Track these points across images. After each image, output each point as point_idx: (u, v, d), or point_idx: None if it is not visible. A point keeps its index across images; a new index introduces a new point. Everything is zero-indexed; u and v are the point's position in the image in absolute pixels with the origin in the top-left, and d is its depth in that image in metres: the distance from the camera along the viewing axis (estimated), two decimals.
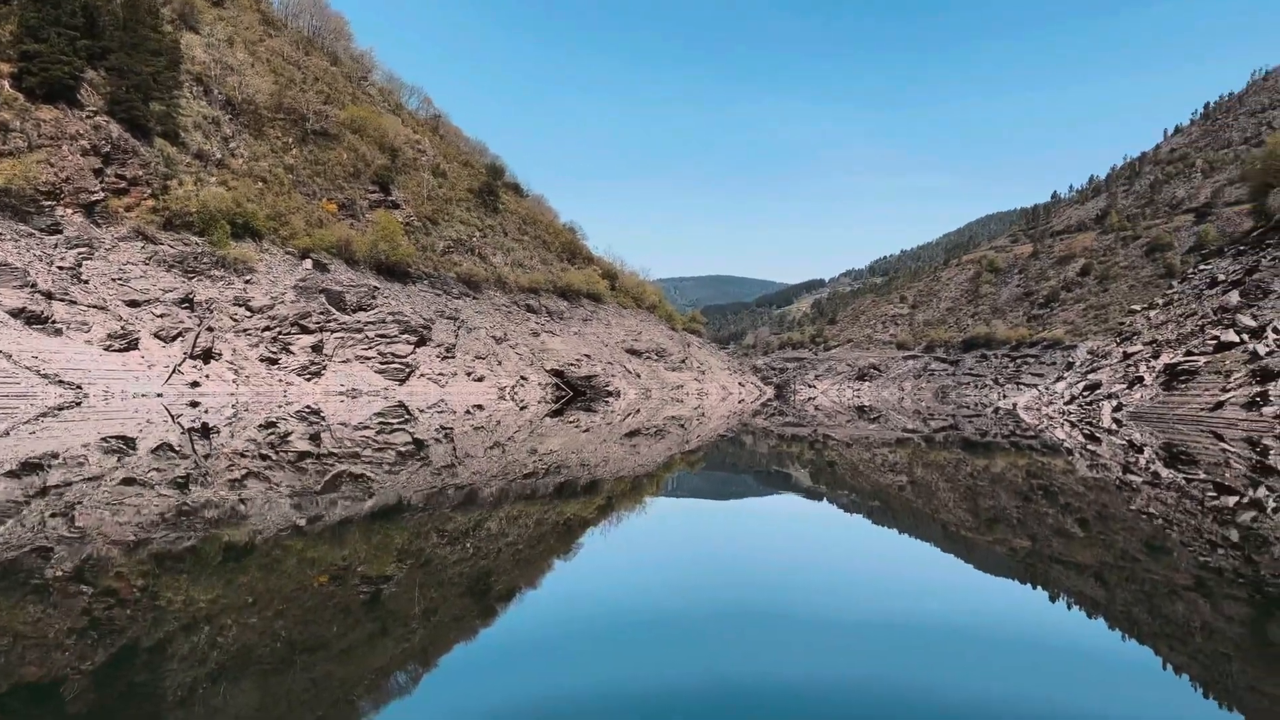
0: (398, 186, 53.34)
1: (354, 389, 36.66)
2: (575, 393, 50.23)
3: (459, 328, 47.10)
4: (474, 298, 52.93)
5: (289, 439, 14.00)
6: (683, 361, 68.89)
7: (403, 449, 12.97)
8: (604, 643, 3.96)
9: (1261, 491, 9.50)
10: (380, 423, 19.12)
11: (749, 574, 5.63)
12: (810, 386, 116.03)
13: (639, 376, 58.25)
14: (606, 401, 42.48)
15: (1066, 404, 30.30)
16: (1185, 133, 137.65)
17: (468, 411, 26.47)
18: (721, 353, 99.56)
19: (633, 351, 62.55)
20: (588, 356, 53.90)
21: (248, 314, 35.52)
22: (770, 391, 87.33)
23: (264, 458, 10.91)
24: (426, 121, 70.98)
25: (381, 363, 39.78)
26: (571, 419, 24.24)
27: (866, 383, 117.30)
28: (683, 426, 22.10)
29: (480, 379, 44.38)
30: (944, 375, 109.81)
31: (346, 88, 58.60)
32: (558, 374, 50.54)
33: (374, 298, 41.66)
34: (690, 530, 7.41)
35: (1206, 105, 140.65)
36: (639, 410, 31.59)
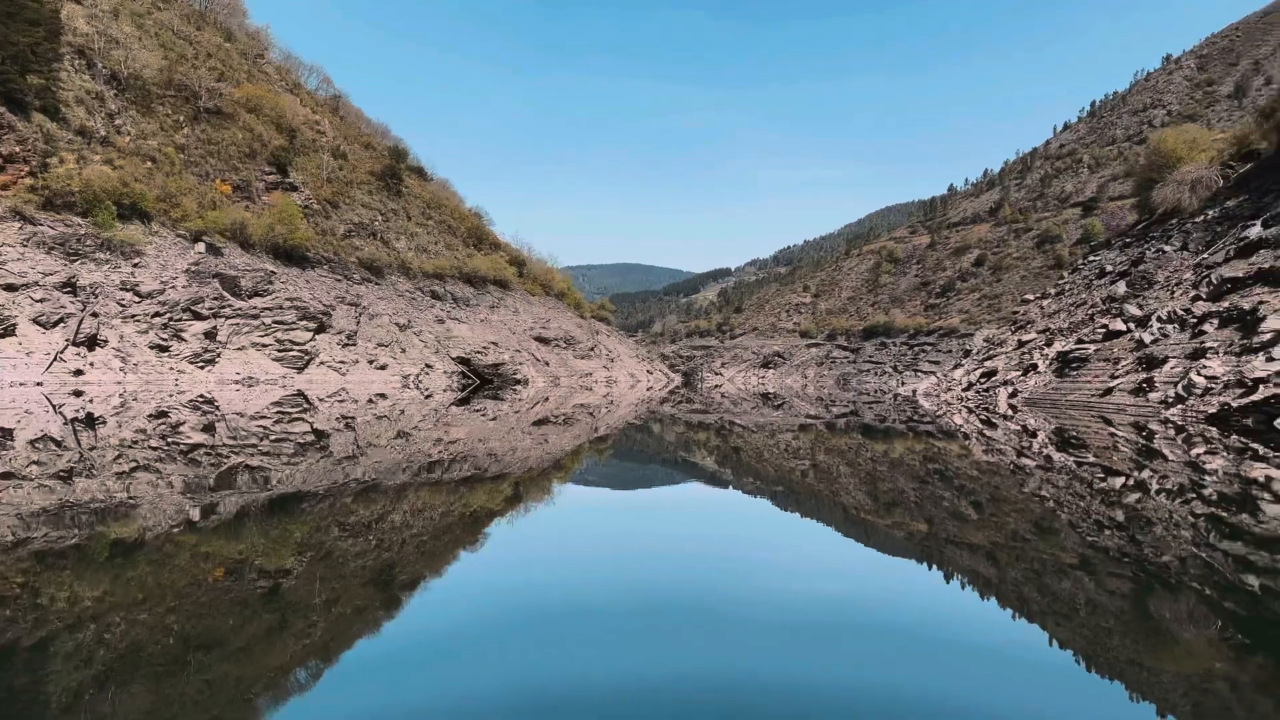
0: (296, 168, 51.78)
1: (250, 377, 35.52)
2: (482, 381, 49.72)
3: (361, 314, 46.06)
4: (376, 283, 51.83)
5: (181, 429, 13.46)
6: (591, 349, 68.78)
7: (302, 439, 12.62)
8: (514, 636, 3.93)
9: (1146, 474, 9.97)
10: (278, 412, 18.56)
11: (658, 562, 5.65)
12: (717, 374, 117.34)
13: (547, 364, 57.98)
14: (514, 390, 42.12)
15: (965, 390, 31.33)
16: (1074, 129, 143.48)
17: (370, 400, 25.91)
18: (630, 340, 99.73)
19: (541, 339, 62.17)
20: (495, 344, 53.38)
21: (136, 299, 34.02)
22: (678, 379, 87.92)
23: (154, 449, 10.48)
24: (326, 102, 69.02)
25: (279, 350, 38.62)
26: (478, 407, 23.97)
27: (771, 370, 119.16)
28: (592, 414, 22.05)
29: (383, 367, 43.52)
30: (845, 363, 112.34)
31: (241, 65, 56.54)
32: (464, 362, 49.92)
33: (271, 283, 40.39)
34: (599, 519, 7.40)
35: (1093, 104, 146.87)
36: (547, 398, 31.43)
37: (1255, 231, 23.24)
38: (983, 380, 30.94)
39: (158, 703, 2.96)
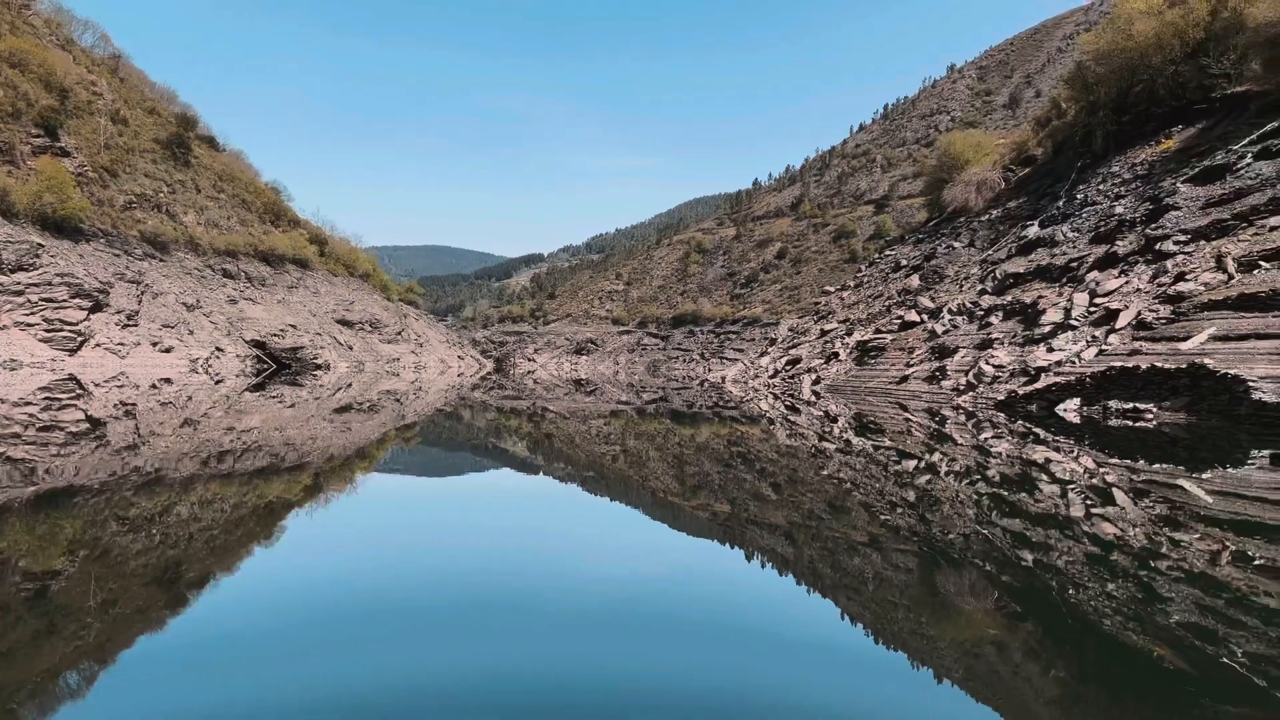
0: (68, 132, 47.30)
1: (13, 360, 32.30)
2: (279, 366, 47.39)
3: (143, 293, 42.80)
4: (161, 260, 48.26)
5: None
6: (399, 334, 66.91)
7: (75, 428, 11.60)
8: (313, 634, 3.76)
9: (937, 456, 10.68)
10: (47, 398, 16.99)
11: (468, 553, 5.56)
12: (530, 360, 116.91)
13: (351, 349, 55.94)
14: (315, 375, 40.31)
15: (771, 378, 32.56)
16: (868, 130, 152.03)
17: (154, 386, 24.14)
18: (440, 325, 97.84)
19: (344, 322, 59.89)
20: (294, 327, 50.97)
21: None
22: (490, 365, 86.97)
23: None
24: (104, 61, 63.25)
25: (48, 330, 35.33)
26: (275, 394, 22.81)
27: (584, 357, 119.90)
28: (399, 401, 21.49)
29: (168, 350, 40.65)
30: (656, 350, 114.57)
31: (3, 15, 51.10)
32: (259, 345, 47.38)
33: (38, 256, 36.84)
34: (406, 509, 7.21)
35: (886, 106, 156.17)
36: (351, 384, 30.30)
37: (1033, 231, 25.44)
38: (788, 367, 32.27)
39: None
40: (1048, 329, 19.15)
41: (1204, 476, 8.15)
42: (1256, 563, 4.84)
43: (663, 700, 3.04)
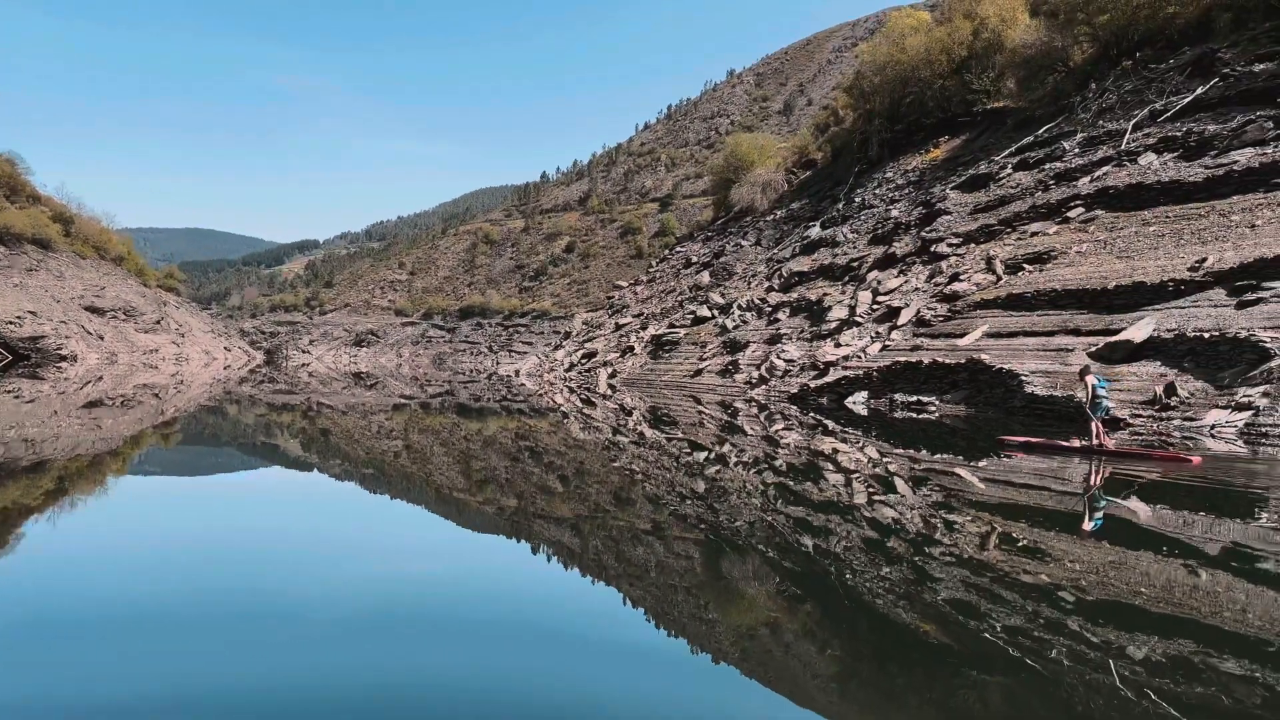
0: None
1: None
2: (16, 357, 42.45)
3: None
4: None
5: None
6: (158, 322, 61.80)
7: None
8: (39, 644, 3.33)
9: (727, 448, 10.78)
10: None
11: (231, 556, 5.21)
12: (305, 352, 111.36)
13: (103, 339, 51.05)
14: (59, 368, 36.36)
15: (567, 371, 32.39)
16: (653, 129, 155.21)
17: None
18: (204, 314, 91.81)
19: (95, 310, 54.54)
20: (33, 314, 45.80)
21: None
22: (260, 357, 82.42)
23: None
24: None
25: None
26: (9, 388, 20.35)
27: (365, 349, 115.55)
28: (158, 396, 19.89)
29: None
30: (442, 342, 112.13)
31: None
32: None
33: None
34: (164, 512, 6.68)
35: (669, 107, 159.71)
36: (102, 378, 27.61)
37: (816, 232, 26.68)
38: (584, 361, 32.22)
39: None
40: (834, 325, 20.06)
41: (979, 465, 8.61)
42: (1020, 544, 5.25)
43: (441, 705, 2.94)
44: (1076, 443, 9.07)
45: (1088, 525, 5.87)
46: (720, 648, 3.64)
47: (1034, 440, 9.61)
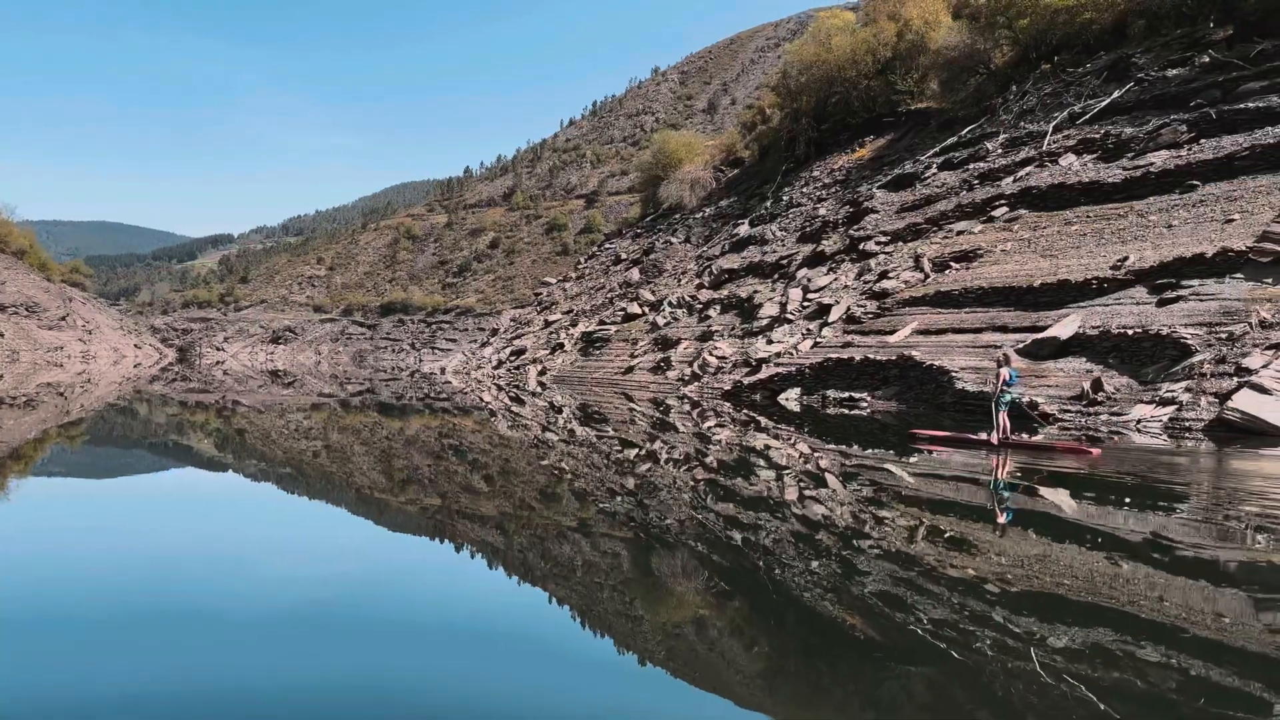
0: None
1: None
2: None
3: None
4: None
5: None
6: (63, 319, 59.34)
7: None
8: None
9: (658, 445, 10.65)
10: None
11: (140, 559, 5.00)
12: (219, 349, 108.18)
13: (3, 336, 48.82)
14: None
15: (495, 369, 31.94)
16: (578, 126, 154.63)
17: None
18: (113, 310, 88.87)
19: None
20: None
21: None
22: (173, 354, 79.97)
23: None
24: None
25: None
26: None
27: (282, 346, 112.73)
28: (63, 395, 19.22)
29: None
30: (362, 339, 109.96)
31: None
32: None
33: None
34: (69, 513, 6.39)
35: (595, 104, 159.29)
36: (3, 376, 26.45)
37: (744, 229, 26.76)
38: (513, 358, 31.81)
39: None
40: (766, 322, 20.13)
41: (910, 460, 8.62)
42: (947, 536, 5.35)
43: (356, 705, 2.86)
44: (984, 436, 9.21)
45: (1001, 519, 5.96)
46: (647, 647, 3.60)
47: (943, 434, 9.79)
